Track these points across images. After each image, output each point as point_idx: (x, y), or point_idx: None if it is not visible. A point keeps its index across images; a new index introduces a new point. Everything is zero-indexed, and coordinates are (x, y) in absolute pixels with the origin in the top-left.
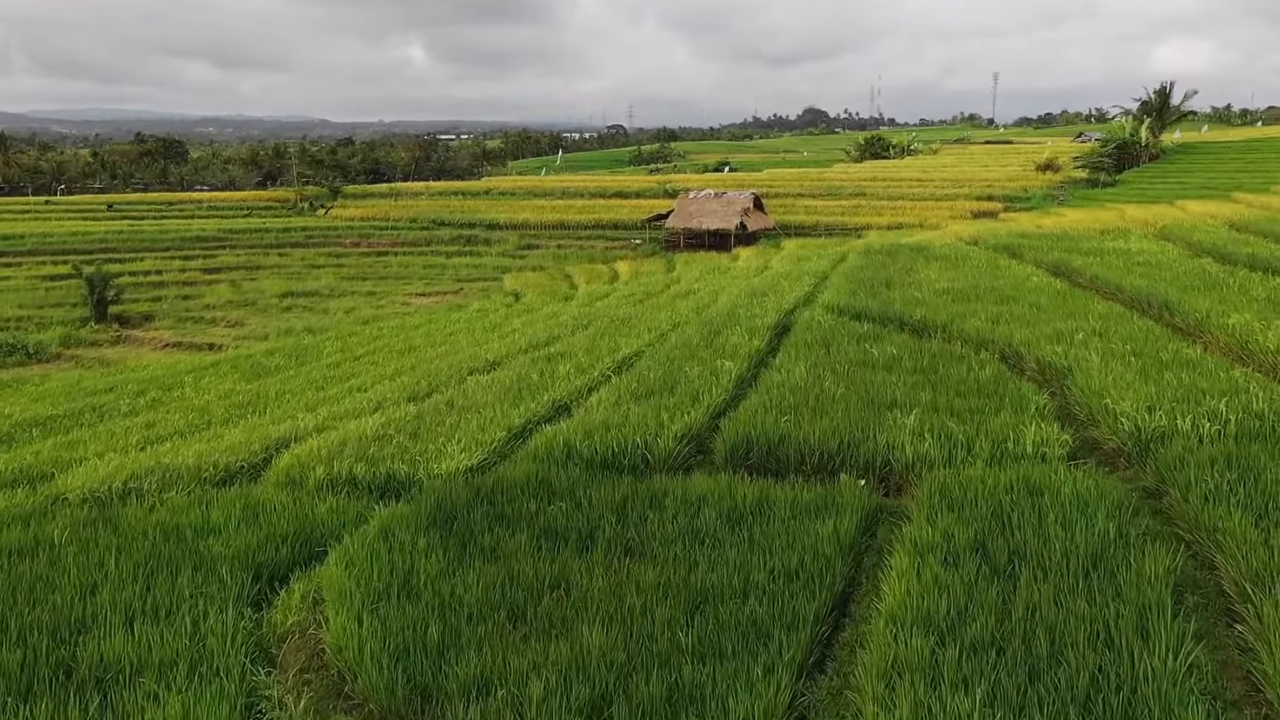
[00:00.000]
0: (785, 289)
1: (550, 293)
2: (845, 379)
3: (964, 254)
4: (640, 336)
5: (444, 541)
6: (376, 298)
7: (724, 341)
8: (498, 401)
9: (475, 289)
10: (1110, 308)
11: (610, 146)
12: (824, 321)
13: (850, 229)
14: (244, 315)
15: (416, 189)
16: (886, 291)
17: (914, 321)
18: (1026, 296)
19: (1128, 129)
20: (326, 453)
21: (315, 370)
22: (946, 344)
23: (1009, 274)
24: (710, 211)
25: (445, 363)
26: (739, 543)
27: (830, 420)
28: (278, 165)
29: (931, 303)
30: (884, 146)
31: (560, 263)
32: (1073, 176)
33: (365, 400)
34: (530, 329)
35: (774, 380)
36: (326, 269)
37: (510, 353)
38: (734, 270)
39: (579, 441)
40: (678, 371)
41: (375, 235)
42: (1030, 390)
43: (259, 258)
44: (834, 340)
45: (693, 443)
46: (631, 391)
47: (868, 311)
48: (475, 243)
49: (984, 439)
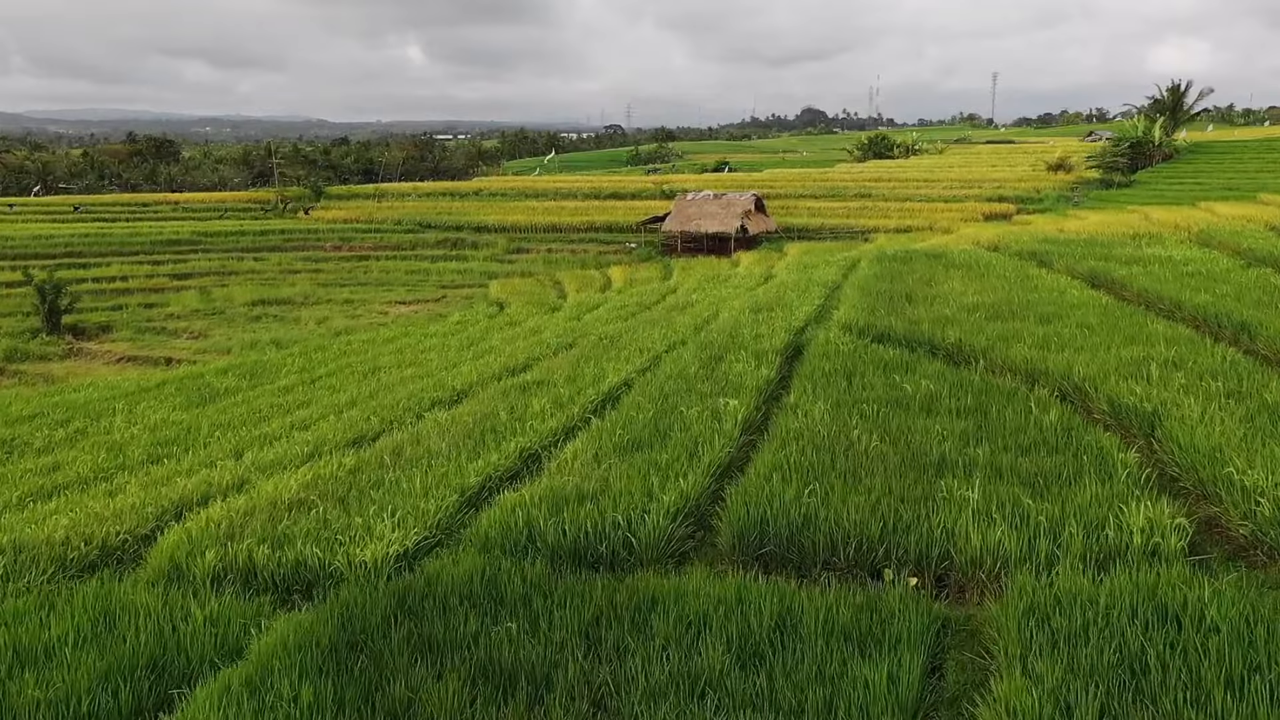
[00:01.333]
0: (794, 302)
1: (537, 302)
2: (877, 425)
3: (987, 262)
4: (630, 361)
5: (339, 692)
6: (353, 306)
7: (727, 370)
8: (454, 449)
9: (459, 297)
10: (1173, 329)
11: (608, 146)
12: (842, 345)
13: (856, 232)
14: (209, 326)
15: (404, 189)
16: (909, 307)
17: (947, 346)
18: (1071, 314)
19: (1140, 128)
20: (228, 526)
21: (264, 396)
22: (991, 375)
23: (1043, 286)
24: (709, 214)
25: (407, 390)
26: (754, 700)
27: (867, 492)
28: (270, 165)
29: (963, 322)
30: (888, 146)
31: (550, 268)
32: (1085, 177)
33: (303, 443)
34: (509, 347)
35: (790, 426)
36: (303, 274)
37: (482, 379)
38: (735, 278)
39: (544, 518)
40: (672, 412)
41: (357, 239)
42: (1110, 444)
43: (233, 262)
44: (856, 369)
45: (690, 519)
46: (615, 442)
47: (891, 332)
48: (462, 246)
49: (1073, 523)
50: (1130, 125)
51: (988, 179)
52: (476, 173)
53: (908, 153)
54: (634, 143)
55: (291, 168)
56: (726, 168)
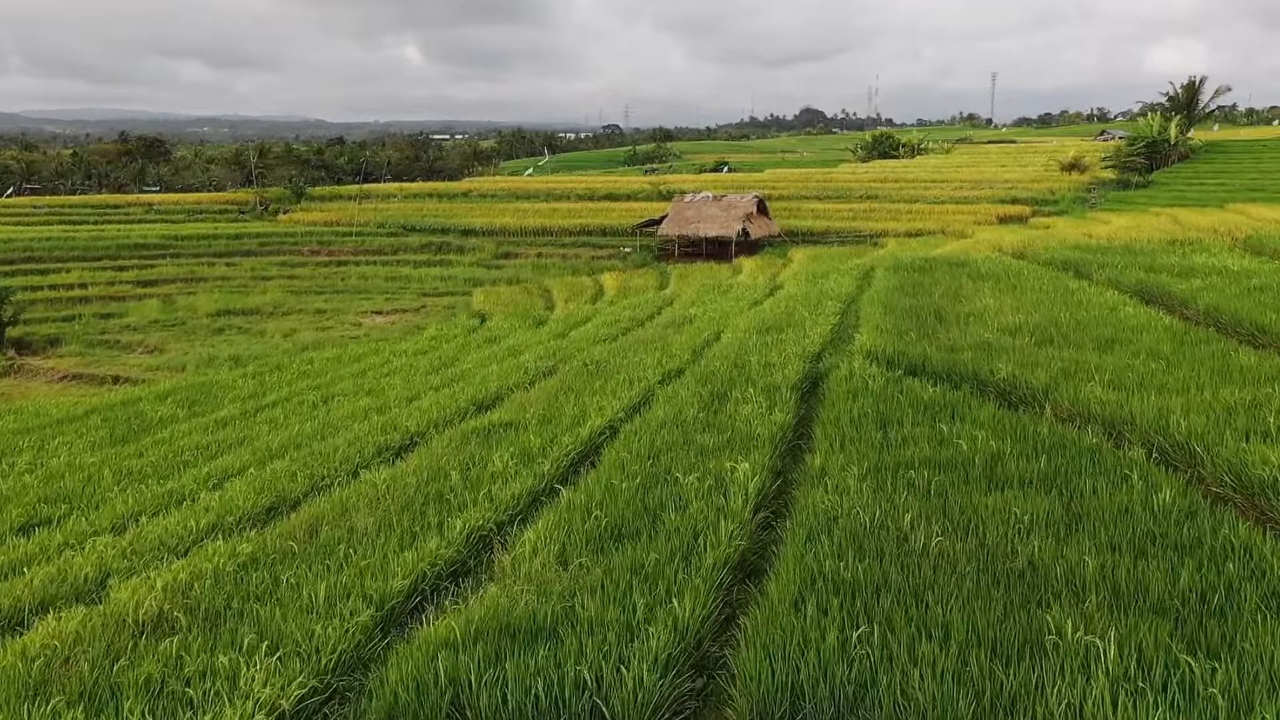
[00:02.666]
0: (806, 321)
1: (522, 314)
2: (933, 506)
3: (1016, 272)
4: (618, 395)
5: None
6: (325, 317)
7: (732, 414)
8: (385, 530)
9: (439, 306)
10: (1268, 360)
11: (606, 146)
12: (869, 378)
13: (864, 236)
14: (167, 339)
15: (390, 190)
16: (941, 329)
17: (999, 382)
18: (1135, 339)
19: (1155, 127)
20: (42, 668)
21: (195, 432)
22: (1060, 424)
23: (1090, 303)
24: (709, 217)
25: (353, 432)
26: None
27: (943, 636)
28: (261, 165)
29: (1009, 348)
30: (893, 145)
31: (540, 274)
32: (1101, 177)
33: (207, 509)
34: (482, 372)
35: (819, 506)
36: (276, 281)
37: (444, 416)
38: (737, 288)
39: (478, 672)
40: (664, 479)
41: (337, 242)
42: (1258, 541)
43: (203, 268)
44: (892, 414)
45: (689, 666)
46: (589, 529)
47: (926, 362)
48: (447, 251)
49: (1264, 699)
50: (1144, 124)
51: (999, 179)
52: (472, 173)
53: (913, 152)
54: (632, 143)
55: (284, 167)
56: (726, 168)
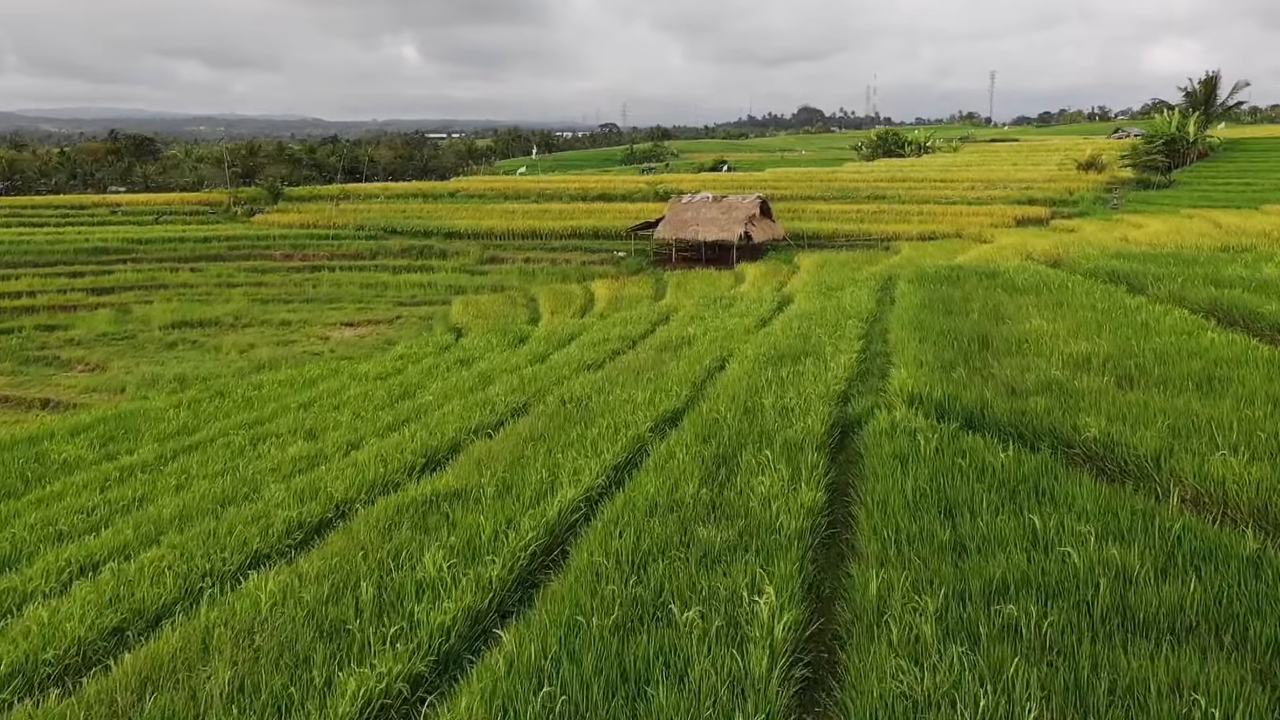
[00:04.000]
0: (825, 346)
1: (502, 329)
2: (1063, 685)
3: (1059, 285)
4: (599, 451)
5: None
6: (289, 329)
7: (745, 488)
8: (236, 704)
9: (415, 318)
10: None
11: (603, 145)
12: (918, 435)
13: (875, 240)
14: (112, 354)
15: (373, 190)
16: (991, 359)
17: (1087, 442)
18: (1237, 377)
19: (1174, 124)
20: None
21: (91, 487)
22: (1190, 511)
23: (1161, 326)
24: (709, 219)
25: (266, 499)
26: None
27: None
28: (252, 164)
29: (1086, 391)
30: (898, 144)
31: (526, 281)
32: (1119, 176)
33: (23, 635)
34: (440, 411)
35: (885, 694)
36: (242, 288)
37: (381, 476)
38: (741, 300)
39: None
40: (651, 611)
41: (312, 246)
42: None
43: (165, 274)
44: (958, 494)
45: None
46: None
47: (987, 410)
48: (429, 255)
49: None
50: (1162, 121)
51: (1012, 179)
52: (466, 172)
53: (919, 151)
54: (630, 141)
55: (275, 166)
56: (725, 167)
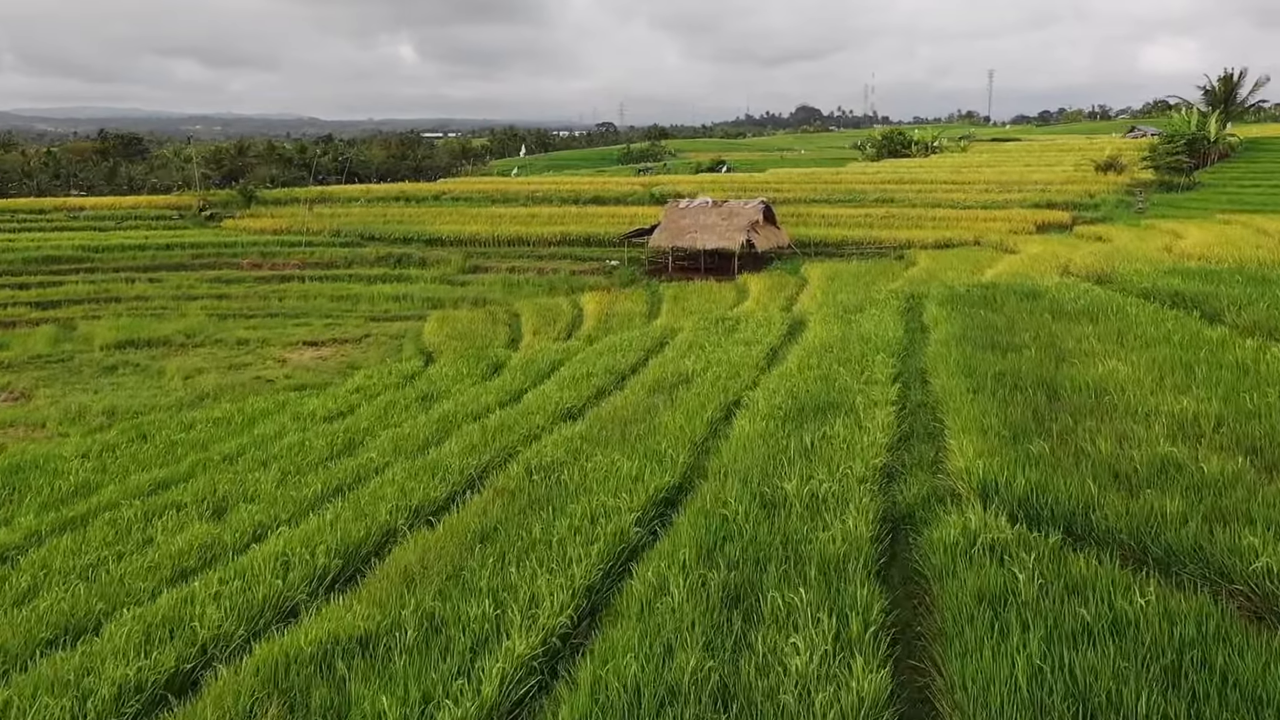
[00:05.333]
0: (853, 393)
1: (476, 354)
2: None
3: (1116, 309)
4: (567, 562)
5: None
6: (245, 350)
7: (767, 661)
8: None
9: (385, 336)
10: None
11: (600, 144)
12: (1006, 559)
13: (887, 248)
14: (43, 380)
15: (353, 193)
16: (1068, 420)
17: (1254, 574)
18: None
19: (1194, 122)
20: None
21: None
22: None
23: (1264, 368)
24: (708, 225)
25: (100, 646)
26: None
27: None
28: (240, 164)
29: (1222, 482)
30: (904, 144)
31: (510, 294)
32: (1139, 178)
33: None
34: (381, 479)
35: None
36: (201, 301)
37: (271, 598)
38: (746, 323)
39: None
40: None
41: (282, 254)
42: None
43: (120, 286)
44: (1097, 678)
45: None
46: None
47: (1094, 515)
48: (407, 264)
49: None
50: (1180, 120)
51: (1027, 181)
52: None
53: (926, 151)
54: (627, 140)
55: (264, 166)
56: (724, 168)
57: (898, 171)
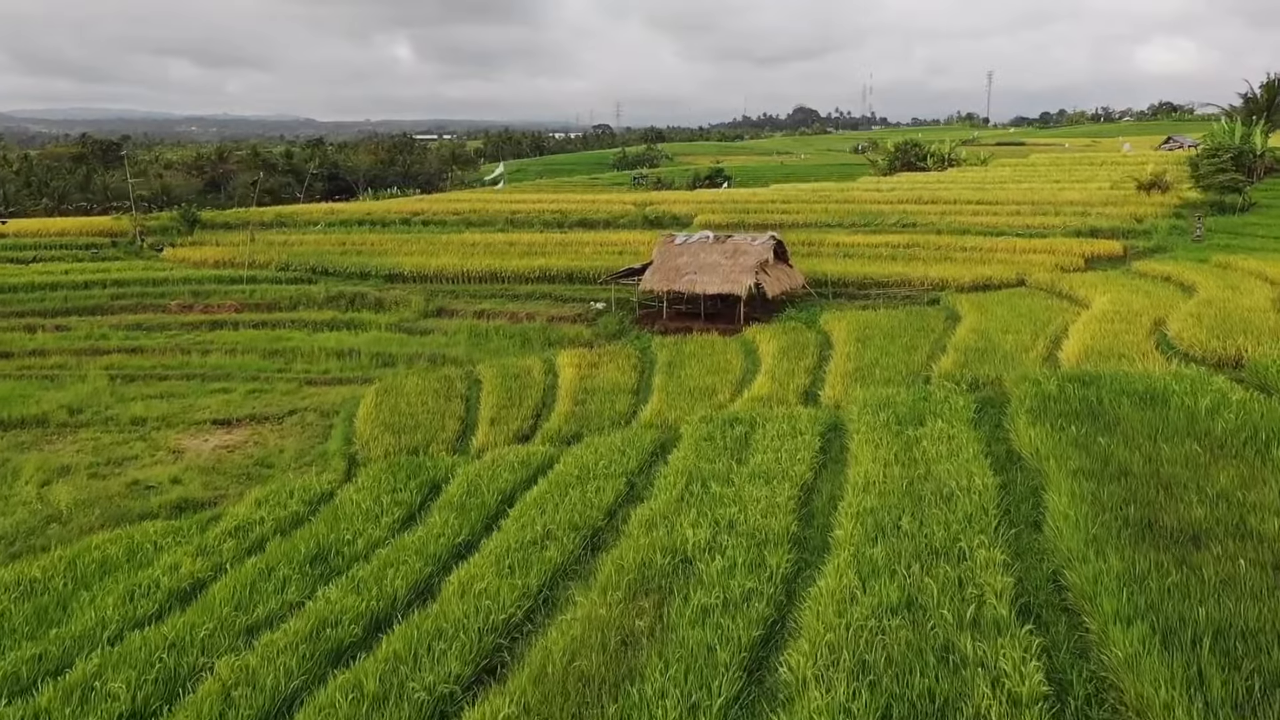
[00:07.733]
0: (961, 642)
1: (411, 464)
2: None
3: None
4: None
5: None
6: (136, 434)
7: None
8: None
9: (316, 412)
10: None
11: (596, 147)
12: None
13: (917, 289)
14: None
15: (313, 215)
16: None
17: None
18: None
19: (1237, 133)
20: None
21: None
22: None
23: None
24: (709, 265)
25: None
26: None
27: None
28: (222, 170)
29: None
30: (920, 156)
31: (476, 347)
32: (1185, 197)
33: None
34: None
35: None
36: (110, 357)
37: None
38: (763, 433)
39: None
40: None
41: (219, 293)
42: None
43: (18, 336)
44: None
45: None
46: None
47: None
48: (361, 306)
49: None
50: (1222, 129)
51: (1061, 201)
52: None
53: (943, 163)
54: (623, 143)
55: (248, 173)
56: (725, 183)
57: (915, 189)
